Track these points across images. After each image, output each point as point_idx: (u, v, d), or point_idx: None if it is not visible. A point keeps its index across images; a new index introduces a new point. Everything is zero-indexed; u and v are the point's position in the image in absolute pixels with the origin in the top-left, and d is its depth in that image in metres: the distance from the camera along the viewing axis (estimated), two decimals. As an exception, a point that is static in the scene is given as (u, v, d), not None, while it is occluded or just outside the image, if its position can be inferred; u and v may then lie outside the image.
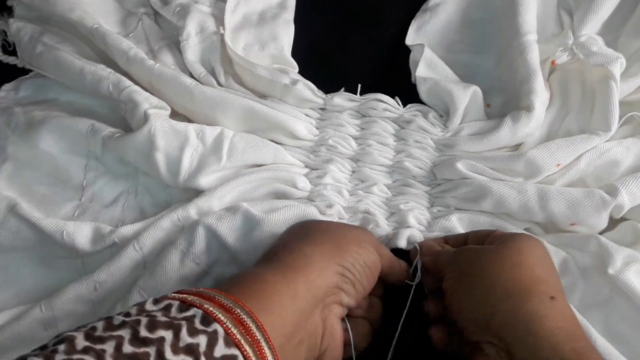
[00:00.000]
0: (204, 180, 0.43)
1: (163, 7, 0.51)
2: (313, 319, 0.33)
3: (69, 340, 0.25)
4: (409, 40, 0.51)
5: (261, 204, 0.42)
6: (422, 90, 0.47)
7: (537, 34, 0.47)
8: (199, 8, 0.50)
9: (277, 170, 0.44)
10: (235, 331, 0.28)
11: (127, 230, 0.42)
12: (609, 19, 0.47)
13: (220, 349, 0.27)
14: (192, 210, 0.42)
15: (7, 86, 0.51)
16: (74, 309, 0.41)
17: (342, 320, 0.37)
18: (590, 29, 0.46)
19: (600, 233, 0.42)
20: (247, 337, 0.28)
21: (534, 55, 0.45)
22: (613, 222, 0.42)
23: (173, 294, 0.29)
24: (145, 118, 0.43)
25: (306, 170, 0.46)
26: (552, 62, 0.46)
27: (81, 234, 0.42)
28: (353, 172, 0.46)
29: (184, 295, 0.29)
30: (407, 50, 0.51)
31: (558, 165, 0.42)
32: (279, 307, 0.31)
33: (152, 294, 0.39)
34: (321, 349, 0.34)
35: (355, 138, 0.47)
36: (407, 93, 0.48)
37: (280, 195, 0.44)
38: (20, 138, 0.47)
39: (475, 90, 0.46)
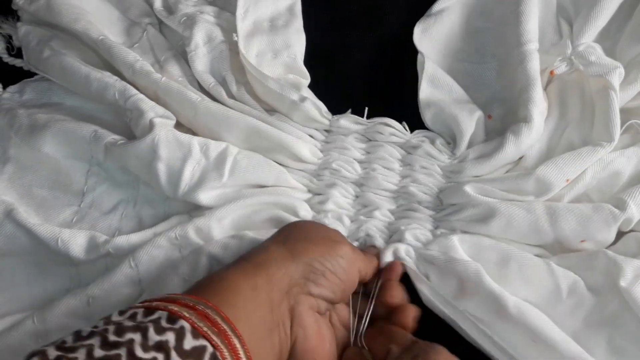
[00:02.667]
0: (204, 196, 0.43)
1: (168, 17, 0.51)
2: (279, 310, 0.33)
3: (41, 353, 0.26)
4: (416, 40, 0.50)
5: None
6: (427, 118, 0.47)
7: (538, 43, 0.46)
8: (205, 18, 0.50)
9: (278, 195, 0.44)
10: (201, 324, 0.28)
11: (122, 240, 0.41)
12: (607, 25, 0.47)
13: (189, 342, 0.27)
14: (190, 231, 0.41)
15: (11, 88, 0.51)
16: (66, 323, 0.40)
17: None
18: (589, 38, 0.46)
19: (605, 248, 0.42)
20: (214, 328, 0.29)
21: (534, 65, 0.45)
22: (616, 236, 0.42)
23: (137, 304, 0.30)
24: (150, 127, 0.43)
25: (308, 195, 0.46)
26: (551, 72, 0.46)
27: (76, 242, 0.42)
28: (356, 197, 0.46)
29: (147, 303, 0.30)
30: (407, 53, 0.50)
31: (567, 180, 0.42)
32: (242, 301, 0.32)
33: None
34: (292, 339, 0.34)
35: (360, 162, 0.46)
36: (408, 97, 0.48)
37: (281, 222, 0.43)
38: (22, 140, 0.47)
39: (480, 115, 0.45)
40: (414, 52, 0.50)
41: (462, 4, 0.52)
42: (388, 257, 0.41)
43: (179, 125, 0.47)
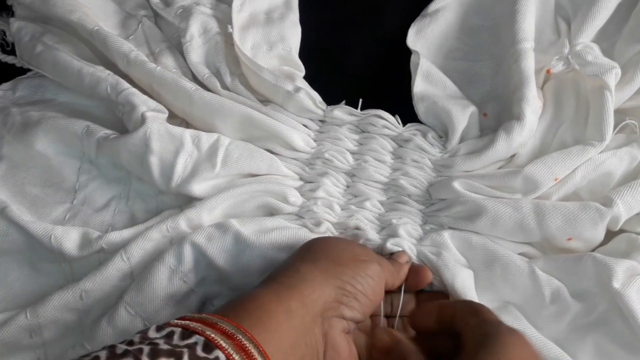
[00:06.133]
0: (197, 187, 0.42)
1: (165, 9, 0.50)
2: (313, 335, 0.32)
3: None
4: (410, 42, 0.50)
5: (251, 223, 0.41)
6: (420, 111, 0.47)
7: (534, 42, 0.46)
8: (201, 10, 0.50)
9: (269, 183, 0.44)
10: (237, 357, 0.28)
11: (115, 236, 0.41)
12: (605, 25, 0.47)
13: None
14: (181, 222, 0.41)
15: (4, 86, 0.51)
16: (59, 317, 0.40)
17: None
18: (587, 37, 0.46)
19: (594, 248, 0.42)
20: None
21: (529, 63, 0.44)
22: (607, 236, 0.42)
23: (175, 321, 0.29)
24: (142, 120, 0.43)
25: (300, 182, 0.45)
26: (548, 71, 0.46)
27: (69, 239, 0.41)
28: (347, 187, 0.46)
29: (187, 322, 0.29)
30: (406, 53, 0.50)
31: (556, 179, 0.42)
32: (275, 324, 0.31)
33: (139, 310, 0.39)
34: None
35: (352, 153, 0.46)
36: (405, 96, 0.48)
37: (271, 209, 0.44)
38: (15, 138, 0.46)
39: (473, 110, 0.45)
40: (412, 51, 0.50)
41: (459, 2, 0.51)
42: (390, 247, 0.41)
43: (173, 117, 0.46)
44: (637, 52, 0.45)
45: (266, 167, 0.44)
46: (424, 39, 0.50)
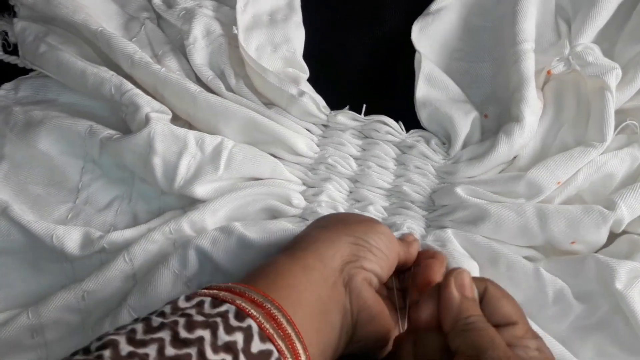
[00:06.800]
0: (200, 189, 0.42)
1: (167, 11, 0.50)
2: (335, 288, 0.33)
3: (113, 345, 0.25)
4: (414, 39, 0.50)
5: (255, 226, 0.41)
6: (423, 117, 0.47)
7: (534, 43, 0.46)
8: (203, 12, 0.50)
9: (272, 186, 0.44)
10: (268, 326, 0.28)
11: (117, 236, 0.41)
12: (605, 26, 0.47)
13: (256, 345, 0.27)
14: (184, 224, 0.41)
15: (6, 85, 0.51)
16: (61, 317, 0.40)
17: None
18: (587, 38, 0.46)
19: (597, 250, 0.42)
20: (279, 331, 0.28)
21: (528, 64, 0.45)
22: (609, 238, 0.42)
23: (203, 290, 0.30)
24: (146, 121, 0.43)
25: (303, 187, 0.46)
26: (548, 72, 0.46)
27: (70, 238, 0.41)
28: (350, 192, 0.46)
29: (215, 292, 0.29)
30: (406, 52, 0.50)
31: (559, 183, 0.42)
32: (292, 280, 0.31)
33: (142, 314, 0.38)
34: (353, 314, 0.33)
35: (355, 158, 0.46)
36: (407, 95, 0.48)
37: (274, 212, 0.44)
38: (18, 137, 0.46)
39: (476, 116, 0.45)
40: (413, 51, 0.49)
41: (461, 2, 0.51)
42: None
43: (176, 119, 0.46)
44: (637, 53, 0.45)
45: (269, 171, 0.44)
46: (427, 36, 0.50)
